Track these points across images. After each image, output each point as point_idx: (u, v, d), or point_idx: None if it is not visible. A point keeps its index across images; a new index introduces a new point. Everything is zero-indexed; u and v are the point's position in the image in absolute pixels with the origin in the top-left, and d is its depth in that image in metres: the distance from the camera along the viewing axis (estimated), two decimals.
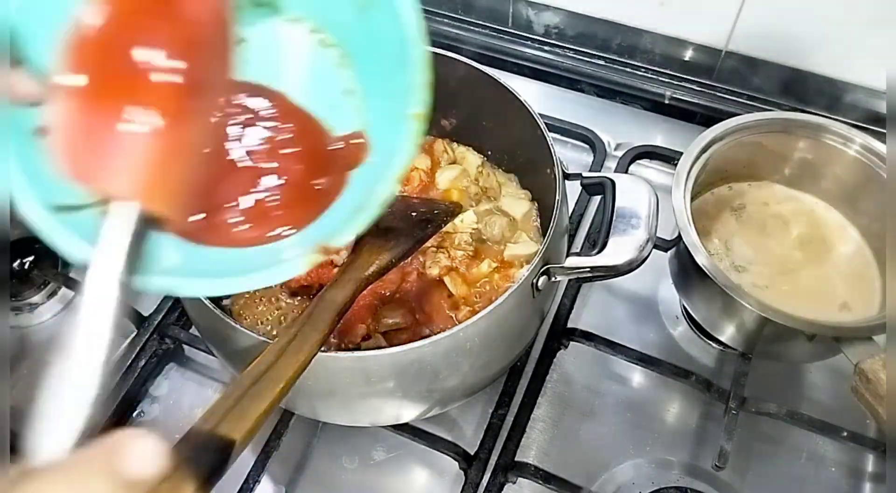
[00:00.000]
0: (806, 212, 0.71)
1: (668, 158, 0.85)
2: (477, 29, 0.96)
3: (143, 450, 0.30)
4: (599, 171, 0.84)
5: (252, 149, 0.44)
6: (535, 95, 0.93)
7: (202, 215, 0.42)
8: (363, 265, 0.54)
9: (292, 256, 0.41)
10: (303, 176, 0.44)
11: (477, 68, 0.68)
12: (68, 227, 0.37)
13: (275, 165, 0.44)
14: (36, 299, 0.77)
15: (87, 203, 0.38)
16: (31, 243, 0.79)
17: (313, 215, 0.44)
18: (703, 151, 0.67)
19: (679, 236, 0.63)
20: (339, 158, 0.46)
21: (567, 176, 0.62)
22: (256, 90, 0.45)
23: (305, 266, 0.41)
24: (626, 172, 0.83)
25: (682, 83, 0.91)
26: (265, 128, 0.44)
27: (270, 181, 0.44)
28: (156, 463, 0.30)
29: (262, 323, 0.65)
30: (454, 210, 0.67)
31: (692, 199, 0.65)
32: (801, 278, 0.67)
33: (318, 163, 0.45)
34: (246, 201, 0.43)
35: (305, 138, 0.45)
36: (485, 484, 0.64)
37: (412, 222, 0.61)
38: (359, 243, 0.57)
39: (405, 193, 0.71)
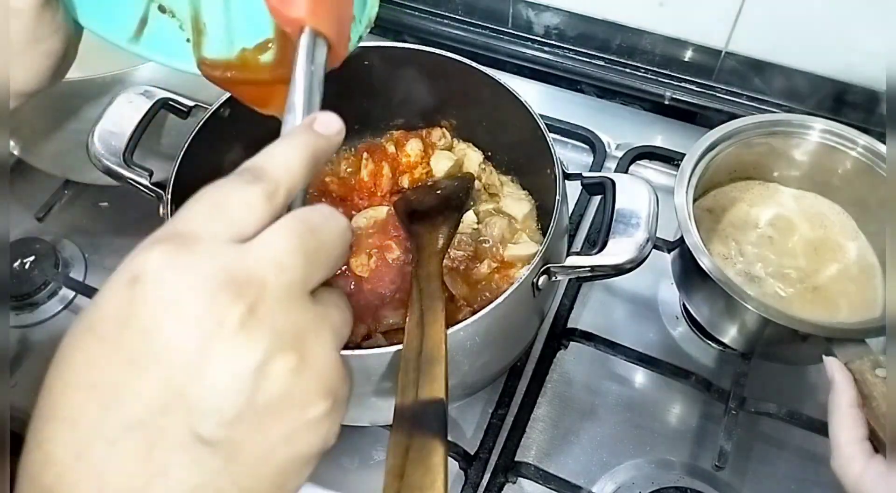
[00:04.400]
0: (812, 214, 0.71)
1: (668, 158, 0.85)
2: (477, 29, 0.96)
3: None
4: (599, 171, 0.84)
5: None
6: (535, 96, 0.93)
7: None
8: (432, 243, 0.61)
9: None
10: None
11: (477, 68, 0.68)
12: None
13: None
14: (36, 299, 0.77)
15: None
16: (31, 243, 0.79)
17: None
18: (707, 151, 0.67)
19: (681, 238, 0.63)
20: None
21: (567, 176, 0.62)
22: None
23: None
24: (626, 172, 0.83)
25: (682, 84, 0.91)
26: None
27: None
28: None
29: None
30: (470, 177, 0.73)
31: (696, 199, 0.65)
32: (807, 281, 0.67)
33: None
34: None
35: None
36: (485, 484, 0.64)
37: (444, 198, 0.69)
38: (415, 234, 0.64)
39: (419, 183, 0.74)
